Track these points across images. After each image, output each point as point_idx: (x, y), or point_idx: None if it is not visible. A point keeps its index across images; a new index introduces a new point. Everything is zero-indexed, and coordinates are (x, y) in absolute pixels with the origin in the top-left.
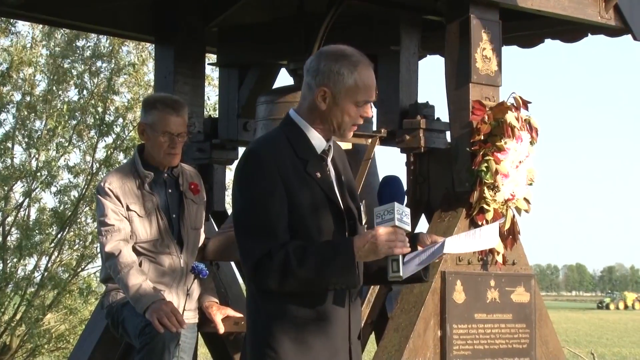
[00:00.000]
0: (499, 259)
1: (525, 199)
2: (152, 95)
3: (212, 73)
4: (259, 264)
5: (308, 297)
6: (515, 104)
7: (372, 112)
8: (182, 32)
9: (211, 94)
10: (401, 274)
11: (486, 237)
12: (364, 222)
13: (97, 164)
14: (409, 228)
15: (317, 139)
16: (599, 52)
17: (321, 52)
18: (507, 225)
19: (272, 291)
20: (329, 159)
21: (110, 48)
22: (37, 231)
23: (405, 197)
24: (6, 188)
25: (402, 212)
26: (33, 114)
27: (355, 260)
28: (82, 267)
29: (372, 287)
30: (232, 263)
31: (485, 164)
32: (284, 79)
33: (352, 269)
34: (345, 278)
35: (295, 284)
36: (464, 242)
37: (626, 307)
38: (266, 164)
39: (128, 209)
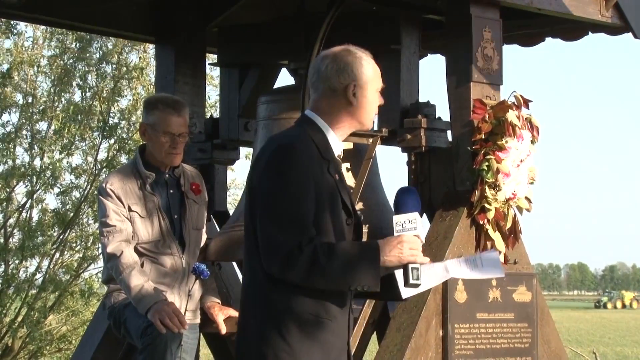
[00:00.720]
0: (501, 258)
1: (526, 197)
2: (153, 96)
3: (211, 72)
4: (288, 256)
5: (320, 295)
6: (516, 103)
7: None
8: (182, 33)
9: (211, 93)
10: (420, 282)
11: (489, 266)
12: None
13: (99, 165)
14: (422, 240)
15: (334, 142)
16: (599, 50)
17: (330, 54)
18: (509, 225)
19: (292, 284)
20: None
21: (119, 51)
22: (39, 232)
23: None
24: (8, 189)
25: (421, 224)
26: (36, 115)
27: (380, 263)
28: (84, 268)
29: None
30: (234, 263)
31: (487, 163)
32: (284, 78)
33: (376, 272)
34: (368, 280)
35: (321, 279)
36: (465, 270)
37: (624, 305)
38: (302, 158)
39: (129, 209)
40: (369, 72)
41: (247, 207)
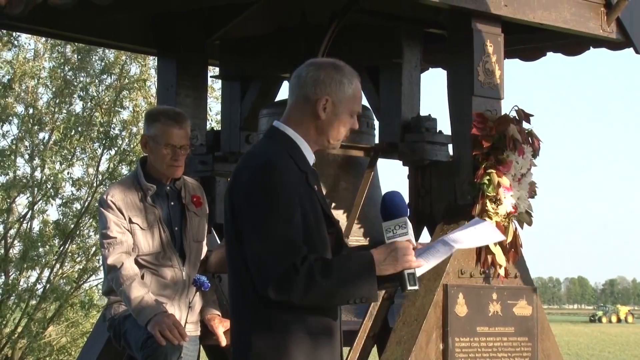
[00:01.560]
0: (501, 272)
1: (527, 211)
2: (155, 108)
3: (212, 84)
4: (284, 278)
5: (316, 312)
6: (517, 117)
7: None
8: (184, 45)
9: (212, 104)
10: (417, 287)
11: (485, 232)
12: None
13: (101, 177)
14: (415, 242)
15: (308, 152)
16: (601, 65)
17: (316, 63)
18: (510, 239)
19: (290, 304)
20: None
21: (121, 63)
22: (40, 244)
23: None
24: (9, 200)
25: (410, 227)
26: (37, 126)
27: (376, 273)
28: (84, 279)
29: None
30: None
31: (488, 177)
32: (286, 91)
33: (374, 283)
34: (366, 292)
35: (319, 297)
36: (464, 240)
37: (619, 320)
38: (285, 175)
39: (130, 221)
40: (349, 91)
41: (230, 227)
